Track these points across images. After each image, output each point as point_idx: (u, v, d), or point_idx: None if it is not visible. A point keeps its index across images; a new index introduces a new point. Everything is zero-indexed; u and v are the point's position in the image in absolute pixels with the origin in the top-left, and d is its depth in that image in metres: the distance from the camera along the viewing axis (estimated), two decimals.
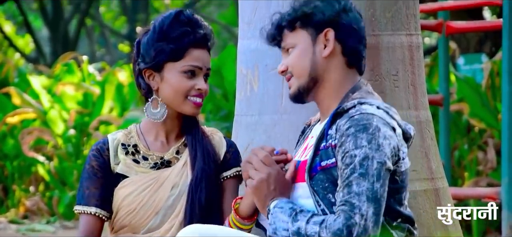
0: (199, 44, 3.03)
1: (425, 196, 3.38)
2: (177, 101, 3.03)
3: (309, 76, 2.88)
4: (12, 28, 25.88)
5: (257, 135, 3.41)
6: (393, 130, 2.77)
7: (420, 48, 3.48)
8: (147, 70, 3.04)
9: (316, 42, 2.88)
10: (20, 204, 9.60)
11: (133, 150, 3.07)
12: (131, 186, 3.03)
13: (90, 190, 3.04)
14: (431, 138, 3.46)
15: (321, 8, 2.88)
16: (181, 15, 3.04)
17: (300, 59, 2.89)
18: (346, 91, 2.88)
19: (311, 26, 2.89)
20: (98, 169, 3.05)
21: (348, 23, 2.88)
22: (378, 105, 2.80)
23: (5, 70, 10.91)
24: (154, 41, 3.03)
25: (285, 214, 2.74)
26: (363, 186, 2.67)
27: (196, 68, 3.02)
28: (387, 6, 3.36)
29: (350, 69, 2.90)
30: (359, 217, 2.65)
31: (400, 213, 2.82)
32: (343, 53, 2.88)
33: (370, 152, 2.70)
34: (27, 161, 9.64)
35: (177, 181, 3.03)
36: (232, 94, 8.83)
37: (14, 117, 9.45)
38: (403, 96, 3.38)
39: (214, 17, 27.67)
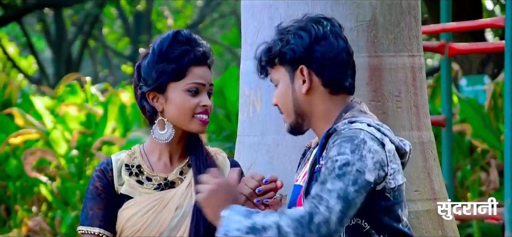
0: (199, 61, 3.03)
1: (428, 216, 3.37)
2: (184, 120, 3.02)
3: (295, 113, 2.87)
4: (15, 49, 25.94)
5: (259, 155, 3.41)
6: (382, 145, 2.75)
7: (423, 69, 3.48)
8: (150, 92, 3.04)
9: (294, 78, 2.85)
10: (22, 224, 9.59)
11: (136, 171, 3.06)
12: (135, 207, 3.02)
13: (94, 210, 3.03)
14: (434, 158, 3.46)
15: (292, 44, 2.84)
16: (179, 35, 3.04)
17: (283, 97, 2.88)
18: (337, 114, 2.86)
19: (287, 63, 2.86)
20: (101, 190, 3.04)
21: (321, 54, 2.83)
22: (368, 123, 2.79)
23: (8, 91, 10.93)
24: (154, 63, 3.03)
25: (239, 214, 2.69)
26: (337, 185, 2.66)
27: (200, 85, 3.02)
28: (389, 27, 3.37)
29: (336, 95, 2.87)
30: (324, 208, 2.63)
31: (400, 231, 2.80)
32: (324, 84, 2.84)
33: (352, 159, 2.69)
34: (29, 181, 9.65)
35: (181, 202, 3.03)
36: (234, 114, 8.84)
37: (17, 137, 9.46)
38: (405, 117, 3.39)
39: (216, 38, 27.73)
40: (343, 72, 2.86)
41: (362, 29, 3.33)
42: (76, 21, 23.99)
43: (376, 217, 2.76)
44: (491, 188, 7.72)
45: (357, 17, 3.32)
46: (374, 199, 2.75)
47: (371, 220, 2.76)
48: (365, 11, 3.33)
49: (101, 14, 23.86)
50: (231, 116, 8.97)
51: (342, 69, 2.85)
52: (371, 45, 3.33)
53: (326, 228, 2.64)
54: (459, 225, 6.84)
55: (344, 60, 2.85)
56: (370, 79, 3.33)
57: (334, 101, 2.87)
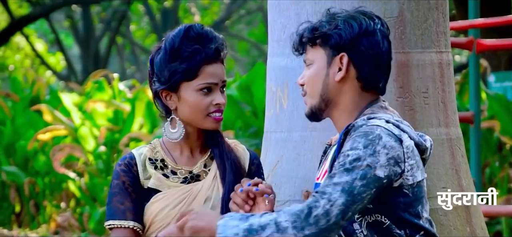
0: (211, 59, 3.01)
1: (456, 213, 3.36)
2: (197, 119, 3.02)
3: (321, 97, 2.86)
4: (44, 46, 26.12)
5: (286, 152, 3.41)
6: (400, 141, 2.74)
7: (450, 66, 3.47)
8: (163, 90, 3.04)
9: (331, 64, 2.84)
10: (51, 220, 9.66)
11: (161, 165, 3.07)
12: (165, 200, 3.03)
13: (125, 204, 3.02)
14: (462, 155, 3.44)
15: (340, 30, 2.82)
16: (190, 31, 3.01)
17: (314, 79, 2.87)
18: (360, 110, 2.85)
19: (329, 46, 2.84)
20: (129, 184, 3.03)
21: (365, 49, 2.81)
22: (387, 119, 2.78)
23: (36, 87, 11.00)
24: (166, 61, 3.01)
25: (235, 219, 2.68)
26: (344, 179, 2.66)
27: (212, 84, 3.01)
28: (417, 23, 3.36)
29: (366, 92, 2.86)
30: (326, 201, 2.63)
31: (421, 227, 2.79)
32: (358, 78, 2.84)
33: (363, 154, 2.68)
34: (58, 177, 9.71)
35: (209, 194, 3.04)
36: (261, 111, 8.84)
37: (46, 134, 9.52)
38: (433, 114, 3.37)
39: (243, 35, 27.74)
40: (379, 72, 2.85)
41: (390, 25, 3.31)
42: (104, 17, 24.11)
43: (396, 213, 2.76)
44: None
45: (384, 13, 3.31)
46: (392, 195, 2.74)
47: (390, 216, 2.75)
48: (392, 8, 3.32)
49: (129, 11, 23.96)
50: (258, 113, 8.97)
51: (380, 69, 2.84)
52: (399, 41, 3.33)
53: (325, 220, 2.63)
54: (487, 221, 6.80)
55: (384, 61, 2.85)
56: (398, 76, 3.33)
57: (362, 97, 2.86)
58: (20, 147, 9.88)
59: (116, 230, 3.02)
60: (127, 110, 9.84)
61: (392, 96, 3.30)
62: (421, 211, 2.80)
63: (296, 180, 3.35)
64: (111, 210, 3.03)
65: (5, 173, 9.68)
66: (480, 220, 3.46)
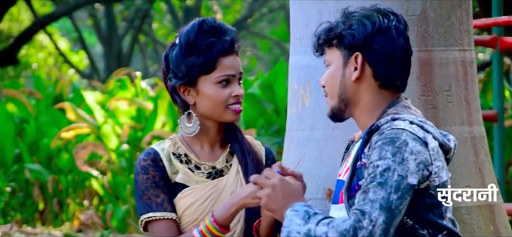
0: (227, 51, 3.01)
1: (479, 211, 3.34)
2: (217, 112, 3.03)
3: (339, 98, 2.87)
4: (67, 45, 26.25)
5: (308, 150, 3.41)
6: (425, 144, 2.74)
7: (474, 64, 3.45)
8: (181, 86, 3.04)
9: (347, 64, 2.85)
10: (74, 218, 9.71)
11: (186, 159, 3.07)
12: (194, 195, 3.03)
13: (161, 197, 3.01)
14: (485, 154, 3.43)
15: (354, 29, 2.83)
16: (204, 24, 3.02)
17: (332, 80, 2.88)
18: (382, 109, 2.85)
19: (344, 47, 2.85)
20: (159, 177, 3.02)
21: (379, 47, 2.81)
22: (411, 120, 2.77)
23: (60, 86, 11.06)
24: (183, 56, 3.01)
25: (299, 217, 2.73)
26: (379, 194, 2.66)
27: (230, 76, 3.02)
28: (439, 21, 3.35)
29: (384, 90, 2.85)
30: (368, 222, 2.64)
31: (444, 227, 2.79)
32: (374, 77, 2.84)
33: (392, 164, 2.68)
34: (81, 175, 9.75)
35: (234, 189, 3.05)
36: (283, 109, 8.84)
37: (69, 132, 9.57)
38: (456, 112, 3.36)
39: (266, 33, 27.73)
40: (397, 69, 2.84)
41: (412, 23, 3.31)
42: (127, 16, 24.19)
43: (420, 214, 2.76)
44: None
45: (407, 11, 3.30)
46: (418, 197, 2.74)
47: (414, 216, 2.75)
48: (415, 5, 3.31)
49: (151, 9, 24.02)
50: (280, 111, 8.96)
51: (396, 66, 2.84)
52: (421, 39, 3.31)
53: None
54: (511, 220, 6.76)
55: (400, 58, 2.84)
56: (420, 74, 3.31)
57: (381, 96, 2.86)
58: (44, 145, 9.94)
59: (156, 223, 3.01)
60: (149, 108, 9.87)
61: (415, 95, 3.29)
62: (445, 212, 2.80)
63: (318, 179, 3.35)
64: (146, 204, 3.01)
65: (29, 171, 9.74)
66: (504, 219, 3.44)
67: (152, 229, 3.01)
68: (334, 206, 2.93)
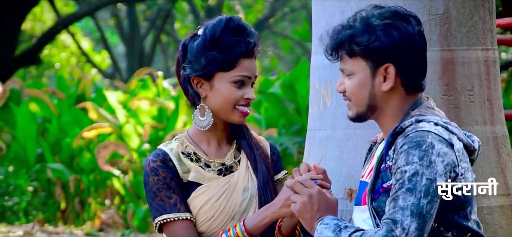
0: (249, 53, 3.01)
1: (501, 211, 3.33)
2: (225, 110, 3.02)
3: (368, 106, 2.84)
4: (89, 44, 26.36)
5: (330, 150, 3.41)
6: (451, 146, 2.72)
7: (497, 63, 3.43)
8: (195, 77, 3.03)
9: (376, 74, 2.81)
10: (96, 217, 9.75)
11: (195, 158, 3.06)
12: (209, 193, 3.03)
13: (173, 198, 3.00)
14: (508, 153, 3.41)
15: (382, 41, 2.78)
16: (231, 22, 3.01)
17: (359, 90, 2.84)
18: (405, 111, 2.84)
19: (371, 58, 2.80)
20: (171, 178, 3.01)
21: (408, 56, 2.79)
22: (436, 122, 2.76)
23: (82, 85, 11.10)
24: (205, 49, 3.00)
25: (329, 230, 2.73)
26: (409, 201, 2.64)
27: (246, 78, 3.02)
28: (462, 21, 3.33)
29: (410, 95, 2.85)
30: (400, 231, 2.62)
31: (469, 228, 2.78)
32: (403, 84, 2.82)
33: (420, 168, 2.66)
34: (103, 175, 9.79)
35: (246, 185, 3.06)
36: (305, 109, 8.83)
37: (91, 131, 9.61)
38: (478, 111, 3.34)
39: (287, 33, 27.73)
40: (422, 73, 2.84)
41: (435, 22, 3.29)
42: (149, 16, 24.26)
43: (446, 216, 2.74)
44: None
45: (429, 10, 3.29)
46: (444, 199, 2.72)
47: (440, 218, 2.73)
48: (438, 5, 3.30)
49: (173, 9, 24.08)
50: (302, 111, 8.95)
51: (422, 70, 2.84)
52: (444, 38, 3.30)
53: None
54: None
55: (424, 62, 2.84)
56: (443, 73, 3.30)
57: (406, 100, 2.85)
58: (66, 145, 9.98)
59: (172, 224, 3.00)
60: (171, 108, 9.89)
61: (437, 94, 3.27)
62: (470, 213, 2.79)
63: (340, 179, 3.34)
64: (159, 205, 3.01)
65: (51, 170, 9.79)
66: None
67: (168, 230, 3.01)
68: (357, 207, 2.92)
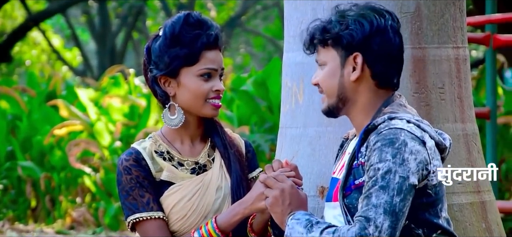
0: (211, 45, 3.01)
1: (472, 209, 3.35)
2: (197, 105, 3.02)
3: (338, 97, 2.86)
4: (60, 42, 26.21)
5: (301, 147, 3.41)
6: (423, 144, 2.74)
7: (467, 61, 3.45)
8: (162, 77, 3.02)
9: (345, 64, 2.84)
10: (66, 215, 9.70)
11: (168, 157, 3.05)
12: (181, 192, 3.02)
13: (146, 197, 2.99)
14: (478, 151, 3.43)
15: (352, 30, 2.81)
16: (190, 17, 3.01)
17: (329, 79, 2.87)
18: (377, 107, 2.85)
19: (341, 47, 2.84)
20: (144, 177, 3.00)
21: (378, 47, 2.81)
22: (408, 119, 2.77)
23: (53, 83, 11.04)
24: (166, 47, 3.00)
25: (301, 225, 2.75)
26: (382, 198, 2.66)
27: (212, 70, 3.01)
28: (433, 19, 3.35)
29: (381, 89, 2.86)
30: (373, 229, 2.64)
31: (439, 226, 2.79)
32: (372, 76, 2.84)
33: (393, 166, 2.68)
34: (74, 172, 9.74)
35: (220, 184, 3.05)
36: (277, 106, 8.83)
37: (62, 129, 9.55)
38: (449, 109, 3.36)
39: (259, 30, 27.73)
40: (393, 68, 2.85)
41: (406, 20, 3.30)
42: (120, 13, 24.15)
43: (417, 213, 2.75)
44: None
45: (401, 8, 3.30)
46: (415, 196, 2.74)
47: (410, 216, 2.74)
48: (409, 3, 3.31)
49: (145, 6, 23.99)
50: (274, 108, 8.96)
51: (393, 65, 2.85)
52: (415, 36, 3.31)
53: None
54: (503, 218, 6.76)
55: (397, 57, 2.85)
56: (414, 71, 3.31)
57: (378, 94, 2.86)
58: (36, 142, 9.92)
59: (144, 223, 3.00)
60: (143, 105, 9.86)
61: (408, 92, 3.29)
62: (441, 211, 2.80)
63: (311, 176, 3.35)
64: (132, 204, 3.00)
65: (21, 168, 9.72)
66: (496, 216, 3.44)
67: (141, 229, 2.99)
68: (328, 204, 2.92)
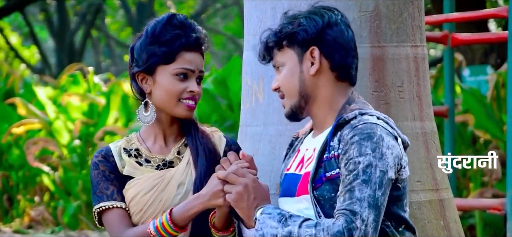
0: (191, 47, 3.02)
1: (430, 206, 3.38)
2: (169, 104, 3.03)
3: (299, 95, 2.90)
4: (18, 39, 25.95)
5: (262, 145, 3.41)
6: (395, 139, 2.80)
7: (426, 60, 3.48)
8: (140, 73, 3.05)
9: (303, 60, 2.88)
10: (25, 214, 9.61)
11: (135, 154, 3.08)
12: (138, 186, 3.05)
13: (110, 189, 3.05)
14: (436, 149, 3.46)
15: (304, 26, 2.87)
16: (174, 19, 3.04)
17: (289, 79, 2.90)
18: (340, 103, 2.89)
19: (297, 45, 2.88)
20: (109, 171, 3.06)
21: (333, 39, 2.87)
22: (378, 116, 2.83)
23: (10, 81, 10.93)
24: (146, 45, 3.03)
25: (274, 220, 2.75)
26: (365, 192, 2.70)
27: (188, 71, 3.02)
28: (392, 17, 3.37)
29: (341, 82, 2.90)
30: (360, 222, 2.68)
31: (404, 219, 2.85)
32: (331, 68, 2.88)
33: (373, 160, 2.72)
34: (32, 171, 9.66)
35: (183, 180, 3.05)
36: (237, 104, 8.84)
37: (20, 127, 9.47)
38: (408, 107, 3.38)
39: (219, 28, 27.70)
40: (350, 60, 2.90)
41: (365, 19, 3.32)
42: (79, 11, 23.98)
43: (387, 207, 2.80)
44: (494, 179, 7.72)
45: (360, 7, 3.32)
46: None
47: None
48: (368, 2, 3.33)
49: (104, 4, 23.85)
50: (234, 106, 8.96)
51: (350, 56, 2.89)
52: (374, 35, 3.33)
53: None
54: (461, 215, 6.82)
55: (352, 49, 2.90)
56: (373, 70, 3.33)
57: (338, 88, 2.90)
58: None
59: (107, 212, 3.04)
60: (102, 104, 9.80)
61: (368, 90, 3.31)
62: (406, 205, 2.87)
63: (271, 174, 3.35)
64: (98, 196, 3.05)
65: None
66: (454, 214, 3.47)
67: (105, 219, 3.05)
68: (287, 199, 2.93)
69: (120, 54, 29.00)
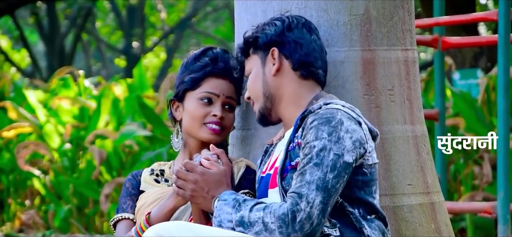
0: (218, 74, 3.15)
1: (421, 210, 3.38)
2: (194, 128, 3.14)
3: (264, 96, 2.99)
4: (8, 43, 25.89)
5: (253, 149, 3.41)
6: (359, 124, 2.84)
7: (416, 63, 3.48)
8: (174, 102, 3.22)
9: (266, 63, 2.99)
10: (15, 218, 9.58)
11: (157, 173, 3.23)
12: (143, 199, 3.18)
13: (127, 203, 3.21)
14: (427, 152, 3.47)
15: (266, 29, 3.00)
16: (209, 51, 3.19)
17: (254, 82, 3.02)
18: (307, 100, 2.96)
19: (259, 49, 3.01)
20: (132, 188, 3.23)
21: (293, 40, 2.97)
22: (343, 104, 2.88)
23: (1, 84, 10.90)
24: (180, 74, 3.20)
25: (229, 205, 2.80)
26: (316, 175, 2.73)
27: (212, 95, 3.14)
28: (382, 21, 3.37)
29: (306, 81, 2.98)
30: (305, 204, 2.70)
31: (373, 206, 2.87)
32: (293, 68, 2.97)
33: (328, 143, 2.76)
34: (22, 175, 9.63)
35: None
36: None
37: (10, 131, 9.44)
38: (398, 111, 3.39)
39: (210, 32, 27.70)
40: (313, 59, 2.97)
41: (356, 23, 3.33)
42: (69, 14, 23.95)
43: (351, 191, 2.83)
44: (484, 182, 7.73)
45: (350, 11, 3.32)
46: (351, 174, 2.82)
47: (345, 194, 2.82)
48: (358, 5, 3.34)
49: (94, 8, 23.82)
50: None
51: (312, 56, 2.97)
52: (365, 39, 3.34)
53: (309, 225, 2.71)
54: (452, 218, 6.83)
55: (315, 50, 2.98)
56: (364, 73, 3.34)
57: (303, 86, 2.97)
58: None
59: (119, 223, 3.20)
60: (92, 107, 9.78)
61: (358, 93, 3.31)
62: (375, 192, 2.89)
63: None
64: (117, 209, 3.23)
65: None
66: (445, 217, 3.48)
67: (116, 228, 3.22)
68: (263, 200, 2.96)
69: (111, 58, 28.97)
